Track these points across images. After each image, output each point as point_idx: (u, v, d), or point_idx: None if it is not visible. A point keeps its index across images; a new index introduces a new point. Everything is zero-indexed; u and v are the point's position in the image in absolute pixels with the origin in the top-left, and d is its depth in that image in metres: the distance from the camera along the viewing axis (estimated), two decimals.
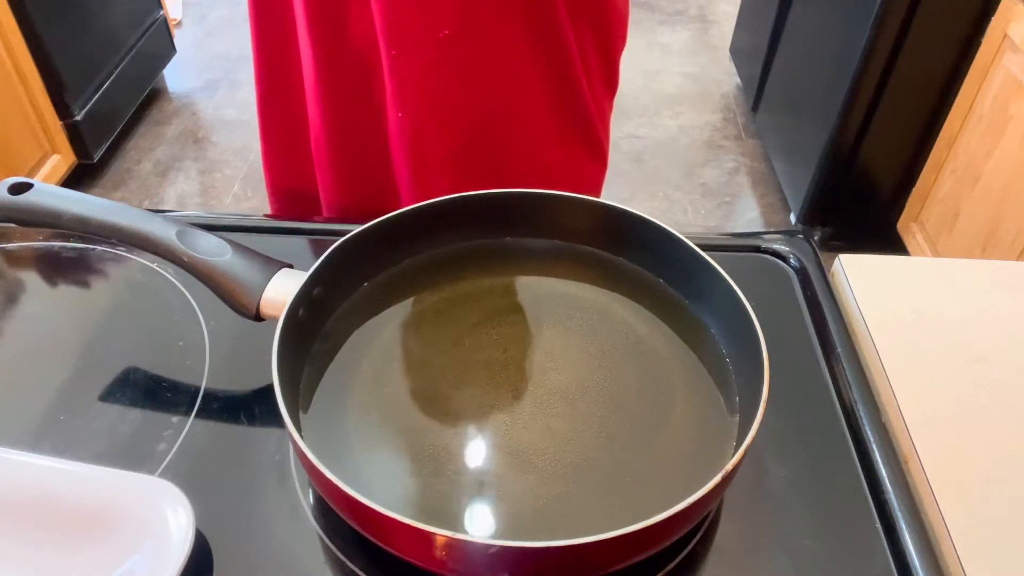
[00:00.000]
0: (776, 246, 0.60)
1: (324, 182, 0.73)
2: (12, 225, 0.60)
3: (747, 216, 2.08)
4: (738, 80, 2.49)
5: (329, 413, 0.45)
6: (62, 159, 1.94)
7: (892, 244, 1.80)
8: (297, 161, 0.74)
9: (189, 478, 0.42)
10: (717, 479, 0.37)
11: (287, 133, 0.73)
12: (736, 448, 0.42)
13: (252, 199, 2.08)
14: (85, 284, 0.59)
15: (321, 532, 0.42)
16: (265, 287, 0.47)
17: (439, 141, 0.67)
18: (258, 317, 0.47)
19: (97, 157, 2.03)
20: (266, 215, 0.71)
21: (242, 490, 0.44)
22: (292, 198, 0.78)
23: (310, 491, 0.44)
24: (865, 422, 0.47)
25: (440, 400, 0.46)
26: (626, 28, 0.70)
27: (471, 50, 0.62)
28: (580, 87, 0.67)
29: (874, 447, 0.46)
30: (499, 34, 0.62)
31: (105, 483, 0.41)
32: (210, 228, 0.49)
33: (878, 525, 0.43)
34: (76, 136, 1.94)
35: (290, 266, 0.49)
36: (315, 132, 0.70)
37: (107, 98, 2.04)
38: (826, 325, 0.54)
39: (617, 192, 2.11)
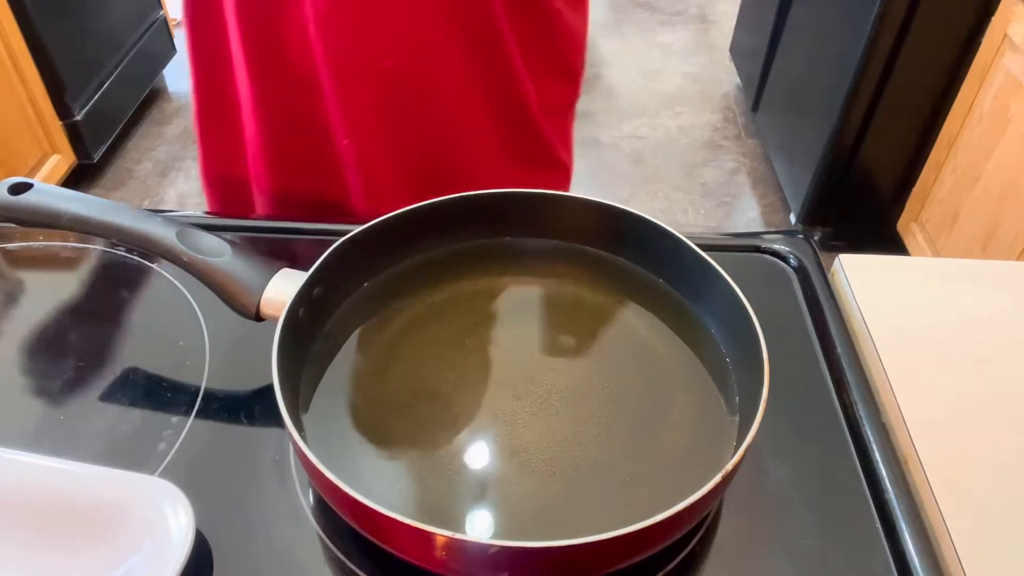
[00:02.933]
0: (776, 246, 0.60)
1: (263, 203, 0.71)
2: (12, 225, 0.60)
3: (747, 216, 2.08)
4: (738, 80, 2.49)
5: (329, 413, 0.45)
6: (62, 159, 1.94)
7: (892, 244, 1.80)
8: (236, 173, 0.71)
9: (189, 478, 0.42)
10: (717, 479, 0.37)
11: (226, 150, 0.70)
12: (736, 448, 0.42)
13: None
14: (85, 284, 0.59)
15: (321, 532, 0.42)
16: (265, 287, 0.47)
17: (390, 165, 0.66)
18: (258, 317, 0.47)
19: (97, 157, 2.03)
20: (267, 215, 0.71)
21: (242, 490, 0.44)
22: (231, 205, 0.75)
23: (310, 491, 0.44)
24: (865, 422, 0.47)
25: (440, 400, 0.46)
26: (584, 43, 0.69)
27: (416, 79, 0.62)
28: (530, 110, 0.67)
29: (874, 447, 0.46)
30: (443, 63, 0.61)
31: (105, 483, 0.41)
32: (210, 228, 0.49)
33: (878, 525, 0.43)
34: (76, 136, 1.95)
35: (290, 266, 0.49)
36: (253, 155, 0.68)
37: (107, 98, 2.04)
38: (826, 325, 0.54)
39: (617, 192, 2.11)
